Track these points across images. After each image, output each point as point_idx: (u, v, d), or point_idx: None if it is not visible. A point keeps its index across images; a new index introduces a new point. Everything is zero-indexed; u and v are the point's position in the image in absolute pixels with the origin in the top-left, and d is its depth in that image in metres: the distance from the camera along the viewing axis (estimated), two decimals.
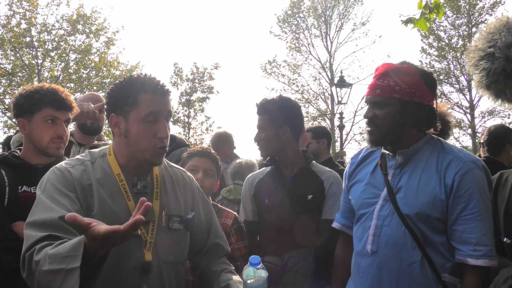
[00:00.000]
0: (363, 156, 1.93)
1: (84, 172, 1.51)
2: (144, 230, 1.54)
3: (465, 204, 1.60)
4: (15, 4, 15.23)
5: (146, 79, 1.55)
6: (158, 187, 1.63)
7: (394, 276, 1.65)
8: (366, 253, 1.73)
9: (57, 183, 1.44)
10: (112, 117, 1.56)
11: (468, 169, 1.62)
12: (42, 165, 2.00)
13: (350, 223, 1.96)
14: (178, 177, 1.76)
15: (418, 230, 1.65)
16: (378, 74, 1.74)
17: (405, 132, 1.73)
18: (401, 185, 1.71)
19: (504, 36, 1.43)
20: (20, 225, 1.83)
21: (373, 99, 1.74)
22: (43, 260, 1.20)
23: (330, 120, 20.70)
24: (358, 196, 1.84)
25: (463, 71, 17.45)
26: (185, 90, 17.03)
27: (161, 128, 1.53)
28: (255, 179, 2.44)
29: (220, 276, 1.68)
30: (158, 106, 1.53)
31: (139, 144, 1.52)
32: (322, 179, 2.33)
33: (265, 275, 1.44)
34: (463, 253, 1.60)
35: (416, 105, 1.69)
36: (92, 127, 2.84)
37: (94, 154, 1.61)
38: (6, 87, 15.37)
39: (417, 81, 1.70)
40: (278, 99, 2.33)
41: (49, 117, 1.99)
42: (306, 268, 2.21)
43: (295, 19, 21.82)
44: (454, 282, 1.64)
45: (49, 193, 1.41)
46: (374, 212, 1.74)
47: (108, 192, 1.51)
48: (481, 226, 1.59)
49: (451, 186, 1.62)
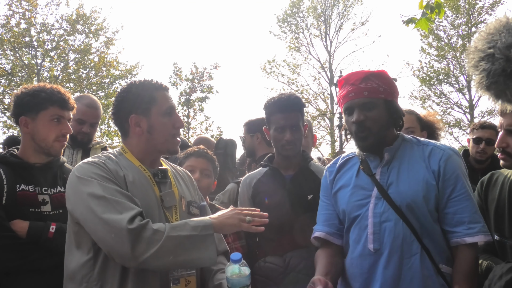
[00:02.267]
0: (341, 164, 1.96)
1: (115, 164, 1.65)
2: (169, 214, 1.69)
3: (453, 187, 1.70)
4: (14, 4, 15.22)
5: (153, 80, 1.77)
6: (172, 178, 1.81)
7: (397, 270, 1.67)
8: (368, 253, 1.72)
9: (102, 172, 1.58)
10: (132, 118, 1.70)
11: (449, 155, 1.74)
12: (40, 164, 2.01)
13: (335, 230, 1.91)
14: (184, 174, 1.96)
15: (416, 221, 1.68)
16: (357, 79, 1.78)
17: (389, 131, 1.82)
18: (392, 181, 1.75)
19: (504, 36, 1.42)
20: (18, 224, 1.84)
21: (362, 101, 1.76)
22: (169, 228, 1.48)
23: (329, 120, 20.70)
24: (347, 200, 1.84)
25: (462, 71, 17.44)
26: (184, 90, 17.03)
27: (177, 119, 1.76)
28: (252, 179, 2.42)
29: (215, 275, 1.75)
30: (170, 101, 1.77)
31: (162, 136, 1.71)
32: (321, 178, 2.32)
33: (248, 272, 1.49)
34: (459, 234, 1.66)
35: (394, 104, 1.81)
36: (82, 141, 2.86)
37: (114, 152, 1.76)
38: (6, 87, 15.35)
39: (391, 81, 1.81)
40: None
41: (55, 116, 2.01)
42: (308, 268, 2.19)
43: (295, 18, 21.80)
44: (450, 273, 1.67)
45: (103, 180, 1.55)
46: (368, 211, 1.75)
47: (138, 180, 1.66)
48: (471, 205, 1.69)
49: (438, 172, 1.72)
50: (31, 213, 1.89)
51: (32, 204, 1.91)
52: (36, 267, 1.83)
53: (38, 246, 1.83)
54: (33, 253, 1.83)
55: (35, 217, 1.88)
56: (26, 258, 1.82)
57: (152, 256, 1.44)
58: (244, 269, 1.49)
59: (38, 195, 1.93)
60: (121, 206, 1.48)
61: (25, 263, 1.81)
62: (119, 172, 1.63)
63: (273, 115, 2.29)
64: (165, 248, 1.45)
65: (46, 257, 1.85)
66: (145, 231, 1.45)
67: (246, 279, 1.48)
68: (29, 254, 1.82)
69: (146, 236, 1.44)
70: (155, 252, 1.44)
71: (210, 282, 1.74)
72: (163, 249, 1.45)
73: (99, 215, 1.46)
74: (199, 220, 1.56)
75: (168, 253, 1.46)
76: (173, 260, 1.47)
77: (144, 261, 1.44)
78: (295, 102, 2.29)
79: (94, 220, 1.47)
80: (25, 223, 1.84)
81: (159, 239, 1.45)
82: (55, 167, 2.07)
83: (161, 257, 1.46)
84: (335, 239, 1.90)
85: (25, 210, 1.88)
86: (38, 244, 1.83)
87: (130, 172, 1.66)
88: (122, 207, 1.48)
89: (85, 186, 1.52)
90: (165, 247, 1.45)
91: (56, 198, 1.97)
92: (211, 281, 1.74)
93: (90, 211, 1.48)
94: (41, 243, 1.83)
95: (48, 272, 1.84)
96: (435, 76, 18.27)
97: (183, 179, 1.91)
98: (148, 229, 1.46)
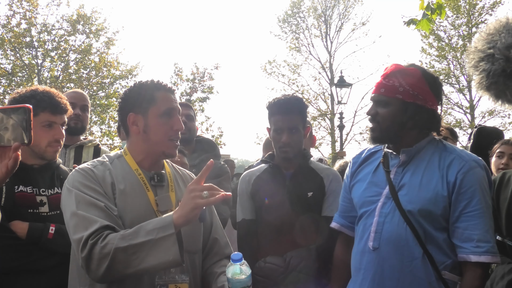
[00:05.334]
0: (365, 156, 1.96)
1: (105, 171, 1.65)
2: None
3: (468, 201, 1.63)
4: (15, 4, 15.20)
5: (158, 80, 1.74)
6: (172, 182, 1.77)
7: (395, 272, 1.67)
8: (368, 250, 1.74)
9: (84, 180, 1.60)
10: (130, 116, 1.70)
11: (470, 167, 1.66)
12: (37, 165, 2.00)
13: (349, 223, 1.98)
14: (187, 177, 1.91)
15: (419, 226, 1.66)
16: (385, 73, 1.78)
17: (405, 132, 1.76)
18: (404, 183, 1.74)
19: (503, 37, 1.43)
20: (17, 224, 1.84)
21: (377, 97, 1.79)
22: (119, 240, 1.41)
23: (330, 120, 20.69)
24: (360, 195, 1.87)
25: (463, 71, 17.42)
26: (185, 90, 17.04)
27: (177, 121, 1.70)
28: (252, 176, 2.42)
29: (218, 278, 1.73)
30: (172, 103, 1.72)
31: (157, 137, 1.68)
32: (321, 176, 2.33)
33: (249, 272, 1.48)
34: (466, 251, 1.62)
35: (418, 107, 1.72)
36: (76, 127, 2.84)
37: (111, 156, 1.75)
38: (6, 87, 15.35)
39: (421, 84, 1.73)
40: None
41: (46, 122, 1.98)
42: (309, 268, 2.19)
43: (295, 19, 21.80)
44: (454, 280, 1.66)
45: (83, 188, 1.57)
46: (376, 210, 1.76)
47: (129, 186, 1.65)
48: (483, 223, 1.62)
49: (453, 183, 1.65)
50: (29, 214, 1.89)
51: (30, 205, 1.90)
52: (36, 267, 1.83)
53: (38, 247, 1.83)
54: (33, 253, 1.83)
55: (33, 218, 1.88)
56: (26, 259, 1.82)
57: (107, 272, 1.41)
58: (245, 269, 1.47)
59: (36, 196, 1.93)
60: (88, 221, 1.47)
61: (25, 264, 1.81)
62: (107, 179, 1.62)
63: (273, 116, 2.30)
64: (117, 261, 1.40)
65: (45, 257, 1.85)
66: (95, 247, 1.41)
67: (247, 279, 1.47)
68: (29, 255, 1.82)
69: (95, 253, 1.41)
70: (108, 268, 1.40)
71: (214, 285, 1.71)
72: (115, 262, 1.40)
73: (71, 236, 1.51)
74: (158, 221, 1.46)
75: (122, 264, 1.41)
76: (133, 270, 1.42)
77: (102, 277, 1.43)
78: (295, 105, 2.29)
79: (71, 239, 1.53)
80: (24, 224, 1.84)
81: (108, 253, 1.40)
82: (52, 168, 2.07)
83: (117, 270, 1.41)
84: (349, 231, 1.99)
85: (24, 211, 1.88)
86: (38, 245, 1.83)
87: (123, 179, 1.65)
88: (88, 222, 1.47)
89: (68, 200, 1.57)
90: (117, 260, 1.40)
91: (54, 199, 1.97)
92: (214, 283, 1.72)
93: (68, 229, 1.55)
94: (41, 244, 1.84)
95: (48, 272, 1.84)
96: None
97: (186, 182, 1.86)
98: (98, 244, 1.41)
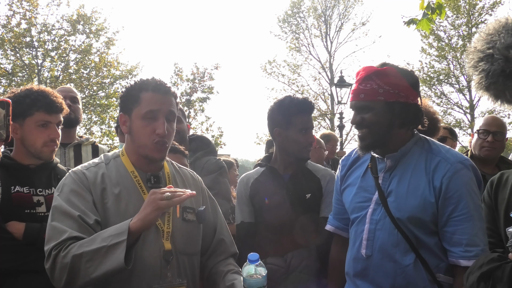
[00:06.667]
0: (354, 159, 1.94)
1: (98, 173, 1.64)
2: (161, 221, 1.64)
3: (454, 206, 1.62)
4: (15, 4, 15.19)
5: (148, 79, 1.67)
6: (171, 182, 1.73)
7: (389, 278, 1.67)
8: (361, 257, 1.74)
9: (73, 184, 1.59)
10: (120, 116, 1.69)
11: (455, 171, 1.64)
12: (34, 165, 2.00)
13: (343, 225, 1.97)
14: (188, 176, 1.87)
15: (410, 233, 1.66)
16: (360, 78, 1.73)
17: (394, 132, 1.73)
18: (391, 189, 1.72)
19: (503, 37, 1.43)
20: (14, 225, 1.84)
21: (358, 104, 1.74)
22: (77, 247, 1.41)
23: (330, 120, 20.70)
24: (350, 200, 1.85)
25: (463, 71, 17.42)
26: (185, 90, 17.05)
27: (160, 125, 1.60)
28: (249, 179, 2.42)
29: (226, 276, 1.73)
30: (158, 105, 1.62)
31: (139, 140, 1.63)
32: (318, 177, 2.33)
33: (264, 273, 1.48)
34: (455, 255, 1.62)
35: (402, 105, 1.70)
36: (69, 118, 2.81)
37: (108, 156, 1.73)
38: (6, 87, 15.34)
39: (399, 81, 1.70)
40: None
41: (41, 122, 1.97)
42: (310, 268, 2.20)
43: (295, 19, 21.83)
44: (449, 282, 1.66)
45: (66, 195, 1.56)
46: (366, 216, 1.75)
47: (124, 188, 1.63)
48: (471, 226, 1.61)
49: (439, 189, 1.63)
50: (26, 214, 1.89)
51: (27, 206, 1.90)
52: (34, 268, 1.82)
53: (35, 247, 1.82)
54: (30, 254, 1.83)
55: (30, 219, 1.88)
56: (24, 259, 1.82)
57: (68, 280, 1.43)
58: (260, 269, 1.48)
59: (33, 197, 1.93)
60: (57, 232, 1.48)
61: (23, 264, 1.82)
62: (98, 183, 1.60)
63: (296, 115, 2.26)
64: (76, 268, 1.41)
65: (43, 258, 1.84)
66: (57, 258, 1.44)
67: (263, 280, 1.47)
68: (26, 255, 1.82)
69: (58, 263, 1.44)
70: (68, 276, 1.42)
71: (222, 283, 1.71)
72: (74, 270, 1.41)
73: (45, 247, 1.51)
74: (116, 227, 1.45)
75: (81, 272, 1.41)
76: (89, 279, 1.42)
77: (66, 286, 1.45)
78: (312, 105, 2.36)
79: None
80: (21, 224, 1.84)
81: (67, 261, 1.41)
82: (49, 168, 2.06)
83: (78, 278, 1.42)
84: (343, 233, 1.99)
85: (20, 212, 1.88)
86: (35, 246, 1.83)
87: (117, 182, 1.63)
88: (58, 232, 1.48)
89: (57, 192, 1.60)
90: (75, 268, 1.41)
91: (51, 199, 1.94)
92: (222, 282, 1.71)
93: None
94: (38, 245, 1.82)
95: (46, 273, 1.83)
96: (436, 76, 18.25)
97: (186, 182, 1.82)
98: (59, 255, 1.44)
